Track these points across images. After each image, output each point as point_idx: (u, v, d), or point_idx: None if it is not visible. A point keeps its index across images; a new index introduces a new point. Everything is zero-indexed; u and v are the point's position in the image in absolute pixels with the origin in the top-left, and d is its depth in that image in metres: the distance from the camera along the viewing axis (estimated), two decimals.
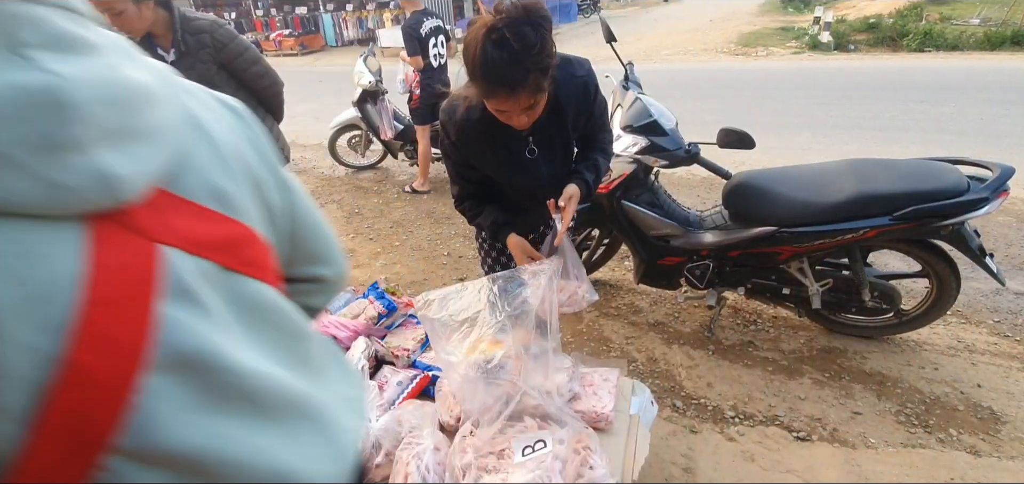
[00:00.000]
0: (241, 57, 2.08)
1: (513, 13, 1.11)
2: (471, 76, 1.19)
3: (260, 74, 2.14)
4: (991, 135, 4.98)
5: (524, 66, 1.12)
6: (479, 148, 1.41)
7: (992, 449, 1.92)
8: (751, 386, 2.27)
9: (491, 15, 1.13)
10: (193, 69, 2.00)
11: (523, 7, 1.12)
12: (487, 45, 1.11)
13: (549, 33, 1.17)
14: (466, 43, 1.17)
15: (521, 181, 1.47)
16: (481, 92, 1.21)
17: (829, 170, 2.19)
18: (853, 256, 2.23)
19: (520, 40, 1.10)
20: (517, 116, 1.25)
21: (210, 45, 2.01)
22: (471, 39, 1.15)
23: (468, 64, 1.17)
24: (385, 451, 1.14)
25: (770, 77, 8.36)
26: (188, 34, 1.98)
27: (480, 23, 1.14)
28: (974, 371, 2.26)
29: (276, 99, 2.28)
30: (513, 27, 1.10)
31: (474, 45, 1.13)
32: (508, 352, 1.21)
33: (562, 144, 1.47)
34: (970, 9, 11.95)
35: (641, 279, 2.60)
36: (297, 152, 6.28)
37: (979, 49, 9.22)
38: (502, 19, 1.11)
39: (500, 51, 1.11)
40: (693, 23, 15.93)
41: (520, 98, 1.18)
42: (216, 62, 2.04)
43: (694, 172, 4.44)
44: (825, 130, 5.53)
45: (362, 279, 3.40)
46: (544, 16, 1.15)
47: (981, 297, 2.73)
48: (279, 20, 19.49)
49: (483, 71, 1.14)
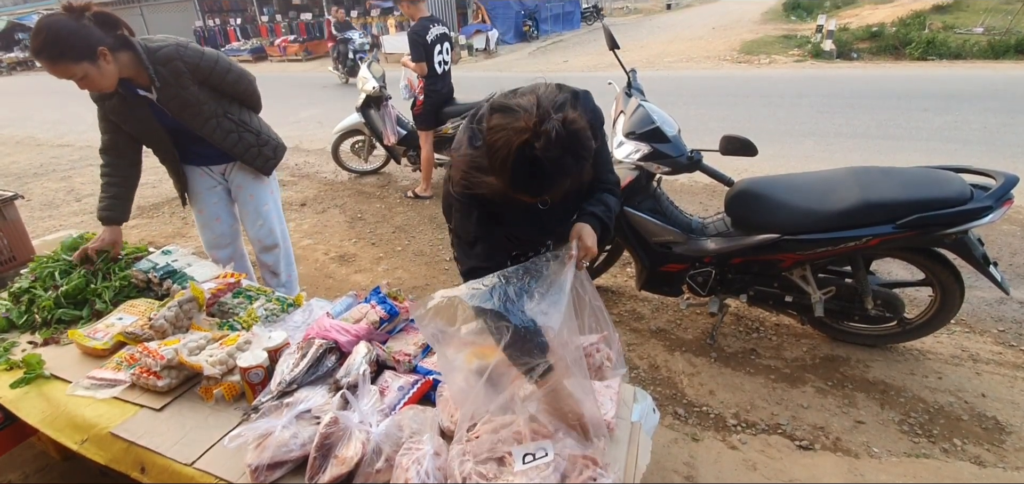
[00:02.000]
0: (214, 71, 2.05)
1: (554, 144, 1.01)
2: (494, 173, 1.11)
3: (235, 80, 2.14)
4: (995, 144, 4.97)
5: (556, 183, 1.07)
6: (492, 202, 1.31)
7: (997, 460, 1.90)
8: (753, 394, 2.26)
9: (528, 128, 1.01)
10: (178, 97, 1.99)
11: (565, 138, 1.02)
12: (519, 161, 1.02)
13: (589, 158, 1.09)
14: (495, 142, 1.06)
15: (528, 232, 1.44)
16: (502, 187, 1.13)
17: (832, 178, 2.19)
18: (856, 264, 2.22)
19: (557, 167, 1.03)
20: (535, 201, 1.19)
21: (185, 70, 1.96)
22: (502, 143, 1.04)
23: (495, 163, 1.08)
24: (385, 456, 1.14)
25: (773, 85, 8.36)
26: (160, 66, 1.91)
27: (515, 131, 1.03)
28: (978, 381, 2.25)
29: (252, 96, 2.28)
30: (552, 156, 1.02)
31: (505, 150, 1.04)
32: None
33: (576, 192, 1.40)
34: (973, 18, 11.94)
35: (643, 286, 2.60)
36: (301, 157, 6.31)
37: (982, 58, 9.22)
38: (541, 145, 1.00)
39: (532, 171, 1.03)
40: (696, 31, 15.97)
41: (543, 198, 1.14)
42: (195, 82, 2.01)
43: (696, 179, 4.44)
44: (828, 138, 5.53)
45: (364, 283, 3.40)
46: (587, 147, 1.07)
47: (985, 306, 2.72)
48: (284, 26, 19.62)
49: (510, 179, 1.07)
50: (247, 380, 1.36)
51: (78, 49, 1.70)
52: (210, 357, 1.42)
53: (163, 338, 1.56)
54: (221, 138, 2.16)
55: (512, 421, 1.18)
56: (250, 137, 2.25)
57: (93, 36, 1.73)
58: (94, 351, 1.59)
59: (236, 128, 2.19)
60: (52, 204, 5.30)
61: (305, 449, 1.16)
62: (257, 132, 2.28)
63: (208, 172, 2.33)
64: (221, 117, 2.14)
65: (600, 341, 1.37)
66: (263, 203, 2.40)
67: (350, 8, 18.77)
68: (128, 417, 1.35)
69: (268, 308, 1.78)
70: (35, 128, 9.49)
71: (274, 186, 2.46)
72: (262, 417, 1.24)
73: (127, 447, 1.28)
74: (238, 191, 2.38)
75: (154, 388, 1.41)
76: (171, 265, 1.96)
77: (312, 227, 4.36)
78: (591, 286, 1.29)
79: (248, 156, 2.26)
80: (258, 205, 2.39)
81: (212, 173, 2.34)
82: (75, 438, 1.35)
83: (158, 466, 1.23)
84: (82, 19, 1.73)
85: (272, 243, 2.46)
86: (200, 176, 2.33)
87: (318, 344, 1.43)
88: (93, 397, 1.42)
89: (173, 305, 1.64)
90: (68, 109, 10.43)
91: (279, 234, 2.48)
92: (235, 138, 2.20)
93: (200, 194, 2.36)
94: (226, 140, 2.17)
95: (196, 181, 2.35)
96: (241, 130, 2.21)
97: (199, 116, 2.07)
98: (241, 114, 2.22)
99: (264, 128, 2.34)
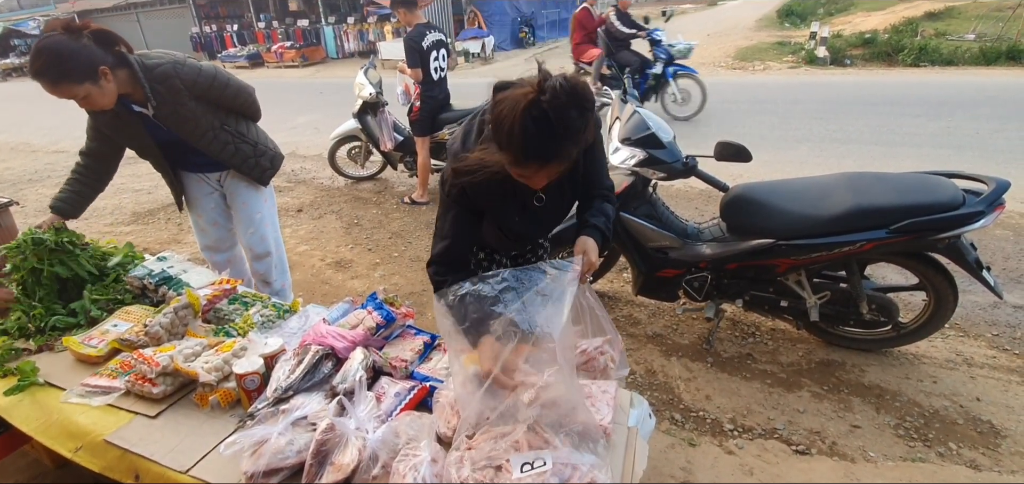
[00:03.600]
0: (212, 86, 2.04)
1: (559, 95, 1.04)
2: (502, 145, 1.12)
3: (234, 94, 2.14)
4: (987, 149, 5.02)
5: (563, 145, 1.09)
6: (489, 198, 1.35)
7: (992, 463, 1.91)
8: (750, 399, 2.26)
9: (532, 88, 1.06)
10: (175, 113, 1.99)
11: (569, 89, 1.05)
12: (527, 120, 1.05)
13: (593, 112, 1.12)
14: (501, 112, 1.09)
15: (522, 228, 1.45)
16: (510, 161, 1.15)
17: (826, 183, 2.21)
18: (850, 269, 2.24)
19: (563, 123, 1.06)
20: (540, 180, 1.21)
21: (182, 88, 1.96)
22: (508, 110, 1.07)
23: (501, 134, 1.10)
24: (382, 463, 1.13)
25: (767, 91, 8.43)
26: (156, 83, 1.91)
27: (520, 94, 1.06)
28: (973, 385, 2.26)
29: (251, 107, 2.28)
30: (558, 110, 1.04)
31: (511, 117, 1.06)
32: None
33: (571, 190, 1.44)
34: (965, 24, 12.07)
35: (639, 291, 2.61)
36: (297, 163, 6.30)
37: (974, 64, 9.31)
38: (546, 99, 1.04)
39: (540, 128, 1.06)
40: (691, 38, 16.05)
41: (551, 169, 1.15)
42: (192, 97, 2.00)
43: (692, 185, 4.46)
44: (822, 144, 5.57)
45: (361, 289, 3.40)
46: (590, 99, 1.10)
47: (979, 310, 2.74)
48: (281, 32, 19.64)
49: (519, 145, 1.08)
50: (243, 387, 1.35)
51: (80, 70, 1.70)
52: (206, 364, 1.42)
53: (158, 344, 1.55)
54: (218, 150, 2.15)
55: (511, 430, 1.17)
56: (247, 148, 2.24)
57: (94, 56, 1.73)
58: (88, 358, 1.58)
59: (233, 140, 2.19)
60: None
61: (301, 456, 1.15)
62: (254, 143, 2.28)
63: (205, 179, 2.33)
64: (218, 130, 2.14)
65: (604, 344, 1.38)
66: (256, 211, 2.39)
67: (347, 14, 18.85)
68: (123, 424, 1.34)
69: (264, 314, 1.77)
70: (30, 134, 9.46)
71: (268, 194, 2.46)
72: (258, 424, 1.23)
73: (122, 455, 1.27)
74: (232, 198, 2.38)
75: (149, 395, 1.40)
76: (166, 271, 1.95)
77: (308, 233, 4.35)
78: (593, 294, 1.31)
79: (245, 167, 2.25)
80: (251, 213, 2.39)
81: (208, 180, 2.34)
82: (69, 446, 1.34)
83: (153, 473, 1.22)
84: (81, 39, 1.72)
85: (264, 251, 2.46)
86: (197, 182, 2.33)
87: (314, 350, 1.43)
88: (87, 404, 1.41)
89: (168, 311, 1.63)
90: (63, 115, 10.37)
91: (271, 242, 2.47)
92: (232, 149, 2.19)
93: (197, 199, 2.36)
94: (223, 152, 2.17)
95: (192, 187, 2.34)
96: (238, 141, 2.21)
97: (196, 130, 2.07)
98: (239, 125, 2.22)
99: (262, 138, 2.34)
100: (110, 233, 4.58)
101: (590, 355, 1.36)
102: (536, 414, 1.18)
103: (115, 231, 4.64)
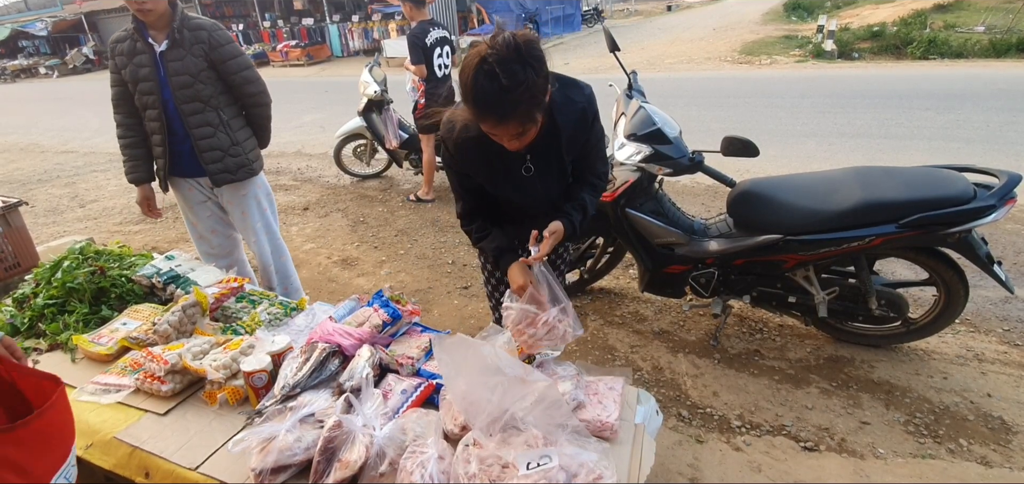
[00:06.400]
0: (233, 60, 2.13)
1: (504, 50, 1.10)
2: (463, 99, 1.20)
3: (248, 80, 2.18)
4: (997, 142, 4.95)
5: (512, 100, 1.13)
6: (477, 163, 1.42)
7: (1003, 460, 1.89)
8: (757, 395, 2.25)
9: (486, 45, 1.12)
10: (181, 60, 2.06)
11: (516, 45, 1.11)
12: (479, 74, 1.11)
13: (541, 70, 1.16)
14: (462, 67, 1.17)
15: (516, 198, 1.48)
16: (472, 116, 1.23)
17: (834, 178, 2.19)
18: (859, 264, 2.22)
19: (509, 77, 1.10)
20: (508, 139, 1.26)
21: (205, 41, 2.07)
22: (466, 65, 1.15)
23: (461, 88, 1.18)
24: (389, 460, 1.13)
25: (774, 86, 8.36)
26: (186, 30, 2.05)
27: (475, 51, 1.13)
28: (984, 380, 2.24)
29: (262, 113, 2.30)
30: (503, 64, 1.10)
31: (467, 71, 1.14)
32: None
33: (559, 165, 1.47)
34: (975, 17, 11.92)
35: (646, 287, 2.60)
36: (302, 161, 6.32)
37: (984, 56, 9.20)
38: (493, 53, 1.10)
39: (490, 83, 1.11)
40: (697, 32, 15.98)
41: (509, 126, 1.20)
42: (207, 60, 2.09)
43: (698, 180, 4.44)
44: (830, 138, 5.52)
45: (367, 287, 3.41)
46: (536, 55, 1.15)
47: (990, 305, 2.71)
48: (285, 31, 19.71)
49: (473, 98, 1.15)
50: (251, 384, 1.36)
51: None
52: (214, 362, 1.42)
53: (167, 343, 1.57)
54: (195, 124, 2.15)
55: (517, 427, 1.17)
56: (223, 139, 2.22)
57: None
58: (98, 356, 1.60)
59: (215, 127, 2.19)
60: (56, 210, 5.32)
61: (309, 453, 1.16)
62: (233, 142, 2.25)
63: (197, 186, 2.33)
64: (205, 107, 2.15)
65: (559, 312, 1.42)
66: (255, 221, 2.41)
67: (351, 13, 18.88)
68: (132, 422, 1.35)
69: (271, 312, 1.78)
70: (39, 135, 9.55)
71: (264, 202, 2.45)
72: (266, 421, 1.24)
73: (131, 452, 1.28)
74: (229, 206, 2.39)
75: (158, 393, 1.41)
76: (174, 270, 1.97)
77: (314, 231, 4.37)
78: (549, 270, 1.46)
79: (208, 157, 2.21)
80: (252, 223, 2.40)
81: (201, 187, 2.34)
82: (79, 443, 1.34)
83: (162, 471, 1.23)
84: None
85: (265, 262, 2.49)
86: (188, 189, 2.34)
87: (321, 348, 1.43)
88: (97, 402, 1.43)
89: (177, 310, 1.64)
90: (71, 117, 10.48)
91: (269, 253, 2.49)
92: (208, 132, 2.18)
93: (192, 207, 2.37)
94: (198, 130, 2.16)
95: (186, 193, 2.35)
96: (218, 130, 2.20)
97: (188, 89, 2.10)
98: (230, 117, 2.22)
99: (244, 142, 2.31)
100: (119, 233, 4.62)
101: (551, 324, 1.40)
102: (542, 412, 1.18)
103: (124, 231, 4.68)
